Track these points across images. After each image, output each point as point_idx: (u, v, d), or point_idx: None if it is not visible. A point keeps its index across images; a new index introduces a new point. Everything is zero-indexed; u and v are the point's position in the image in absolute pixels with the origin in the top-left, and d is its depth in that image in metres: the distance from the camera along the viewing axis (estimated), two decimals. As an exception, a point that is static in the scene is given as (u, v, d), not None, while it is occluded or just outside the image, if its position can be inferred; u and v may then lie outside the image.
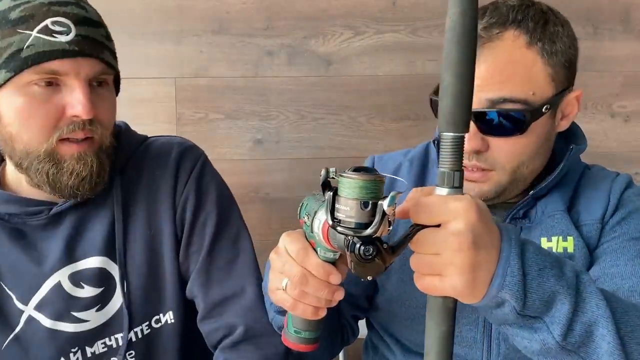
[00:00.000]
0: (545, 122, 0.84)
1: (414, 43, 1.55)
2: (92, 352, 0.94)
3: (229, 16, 1.52)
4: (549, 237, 0.86)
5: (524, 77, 0.80)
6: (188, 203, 0.97)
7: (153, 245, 0.96)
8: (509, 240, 0.59)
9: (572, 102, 0.87)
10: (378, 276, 0.57)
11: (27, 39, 0.81)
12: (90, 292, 0.93)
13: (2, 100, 0.84)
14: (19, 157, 0.86)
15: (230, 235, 0.99)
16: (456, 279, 0.56)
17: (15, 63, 0.81)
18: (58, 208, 0.91)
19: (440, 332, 0.58)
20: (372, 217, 0.56)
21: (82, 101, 0.83)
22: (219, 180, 1.03)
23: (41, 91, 0.83)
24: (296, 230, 0.72)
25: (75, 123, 0.84)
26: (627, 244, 0.83)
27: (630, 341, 0.63)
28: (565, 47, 0.83)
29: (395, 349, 0.95)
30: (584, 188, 0.91)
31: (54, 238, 0.92)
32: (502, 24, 0.81)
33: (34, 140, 0.84)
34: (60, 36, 0.81)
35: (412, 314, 0.91)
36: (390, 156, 1.04)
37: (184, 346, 0.99)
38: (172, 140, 1.03)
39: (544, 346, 0.62)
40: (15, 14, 0.82)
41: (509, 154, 0.83)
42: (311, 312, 0.69)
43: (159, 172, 0.98)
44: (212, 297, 0.95)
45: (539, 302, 0.60)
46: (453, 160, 0.57)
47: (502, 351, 0.87)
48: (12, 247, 0.91)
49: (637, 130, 1.61)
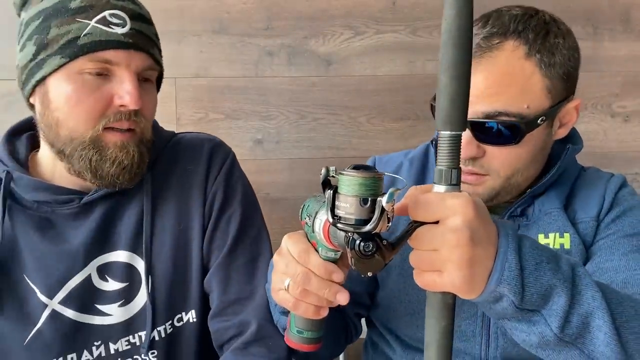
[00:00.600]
0: (541, 132, 0.85)
1: (414, 43, 1.56)
2: (115, 349, 0.94)
3: (229, 16, 1.52)
4: (546, 234, 0.89)
5: (520, 89, 0.81)
6: (216, 198, 0.98)
7: (182, 240, 0.96)
8: (506, 235, 0.60)
9: (571, 111, 0.88)
10: (378, 272, 0.58)
11: (84, 28, 0.84)
12: (115, 286, 0.93)
13: (53, 86, 0.86)
14: (63, 143, 0.88)
15: (252, 235, 1.00)
16: (455, 275, 0.56)
17: (71, 50, 0.83)
18: (89, 197, 0.92)
19: (440, 327, 0.58)
20: (372, 214, 0.58)
21: (131, 91, 0.85)
22: (245, 179, 1.05)
23: (92, 80, 0.85)
24: (298, 231, 0.73)
25: (122, 113, 0.87)
26: (621, 240, 0.85)
27: (626, 331, 0.65)
28: (564, 59, 0.84)
29: (395, 345, 0.96)
30: (580, 188, 0.93)
31: (83, 228, 0.92)
32: (503, 34, 0.82)
33: (80, 126, 0.86)
34: (116, 28, 0.85)
35: (412, 310, 0.92)
36: (391, 157, 1.06)
37: (204, 347, 0.99)
38: (201, 136, 1.05)
39: (542, 339, 0.63)
40: (76, 4, 0.85)
41: (504, 162, 0.85)
42: (313, 311, 0.70)
43: (191, 166, 0.99)
44: (228, 295, 0.95)
45: (536, 295, 0.61)
46: (450, 158, 0.58)
47: (501, 345, 0.88)
48: (39, 238, 0.91)
49: (636, 130, 1.61)
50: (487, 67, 0.82)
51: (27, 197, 0.91)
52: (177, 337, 0.96)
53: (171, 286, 0.95)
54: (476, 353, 0.89)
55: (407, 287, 0.92)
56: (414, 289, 0.91)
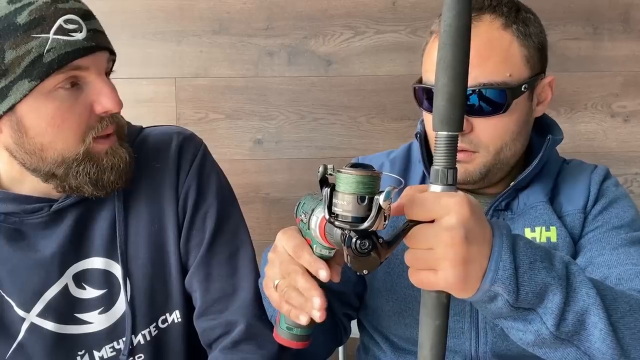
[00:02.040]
0: (524, 103, 0.87)
1: (414, 43, 1.56)
2: (100, 357, 0.92)
3: (229, 16, 1.53)
4: (532, 228, 0.90)
5: (501, 58, 0.84)
6: (190, 194, 0.95)
7: (158, 241, 0.93)
8: (501, 235, 0.61)
9: (546, 88, 0.91)
10: (374, 270, 0.59)
11: (45, 43, 0.77)
12: (93, 293, 0.91)
13: (27, 112, 0.80)
14: (51, 167, 0.83)
15: (230, 229, 0.97)
16: (449, 273, 0.57)
17: (39, 70, 0.77)
18: (59, 205, 0.88)
19: (434, 326, 0.59)
20: (369, 212, 0.58)
21: (110, 95, 0.82)
22: (218, 170, 1.01)
23: (67, 94, 0.80)
24: (291, 227, 0.74)
25: (105, 119, 0.84)
26: (610, 233, 0.86)
27: (622, 327, 0.65)
28: (537, 31, 0.88)
29: (385, 348, 0.96)
30: (564, 180, 0.94)
31: (55, 236, 0.89)
32: (479, 9, 0.86)
33: (70, 145, 0.82)
34: (75, 34, 0.80)
35: (399, 308, 0.93)
36: (373, 157, 1.07)
37: (191, 345, 0.98)
38: (170, 130, 1.00)
39: (539, 337, 0.64)
40: (23, 18, 0.77)
41: (493, 134, 0.86)
42: (293, 313, 0.70)
43: (159, 164, 0.95)
44: (211, 294, 0.93)
45: (531, 294, 0.61)
46: (447, 158, 0.58)
47: (490, 340, 0.89)
48: (11, 250, 0.87)
49: (636, 130, 1.61)
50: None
51: None
52: (163, 339, 0.95)
53: (151, 288, 0.93)
54: (466, 349, 0.90)
55: (394, 285, 0.93)
56: (400, 288, 0.92)
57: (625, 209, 0.90)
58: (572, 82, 1.59)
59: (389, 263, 0.93)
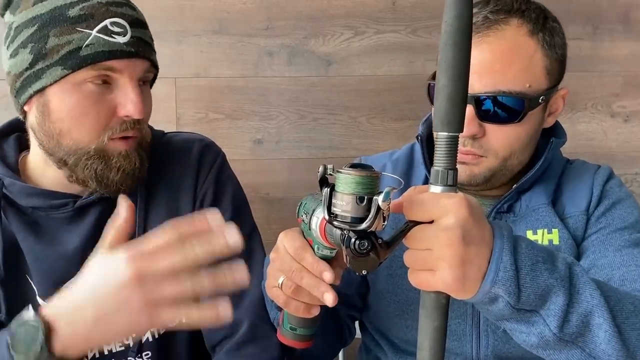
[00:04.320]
0: (538, 114, 0.86)
1: (413, 43, 1.56)
2: (109, 350, 0.93)
3: (229, 16, 1.53)
4: (534, 230, 0.89)
5: (524, 66, 0.83)
6: (206, 198, 0.98)
7: None
8: (501, 236, 0.60)
9: (559, 99, 0.90)
10: (373, 270, 0.59)
11: (86, 38, 0.82)
12: None
13: (54, 97, 0.85)
14: (65, 153, 0.87)
15: (243, 234, 0.99)
16: (446, 273, 0.57)
17: (74, 61, 0.82)
18: (83, 201, 0.91)
19: (433, 327, 0.59)
20: (368, 212, 0.58)
21: (135, 101, 0.85)
22: (235, 179, 1.05)
23: (94, 89, 0.84)
24: (294, 228, 0.74)
25: (126, 122, 0.87)
26: (614, 234, 0.86)
27: (627, 328, 0.65)
28: (561, 42, 0.87)
29: (386, 349, 0.96)
30: (566, 181, 0.93)
31: (79, 232, 0.91)
32: (508, 11, 0.85)
33: (84, 137, 0.85)
34: (118, 37, 0.84)
35: (400, 310, 0.92)
36: (376, 157, 1.07)
37: (197, 346, 0.98)
38: (192, 137, 1.05)
39: (542, 339, 0.63)
40: (75, 12, 0.83)
41: (504, 142, 0.86)
42: (303, 309, 0.70)
43: (180, 168, 0.99)
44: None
45: (534, 296, 0.61)
46: (447, 159, 0.58)
47: (491, 343, 0.88)
48: (36, 241, 0.90)
49: (636, 130, 1.61)
50: (495, 41, 0.83)
51: (20, 203, 0.91)
52: (170, 338, 0.96)
53: None
54: (467, 352, 0.89)
55: (396, 287, 0.92)
56: (402, 290, 0.92)
57: (628, 210, 0.89)
58: (572, 82, 1.57)
59: (391, 265, 0.93)
